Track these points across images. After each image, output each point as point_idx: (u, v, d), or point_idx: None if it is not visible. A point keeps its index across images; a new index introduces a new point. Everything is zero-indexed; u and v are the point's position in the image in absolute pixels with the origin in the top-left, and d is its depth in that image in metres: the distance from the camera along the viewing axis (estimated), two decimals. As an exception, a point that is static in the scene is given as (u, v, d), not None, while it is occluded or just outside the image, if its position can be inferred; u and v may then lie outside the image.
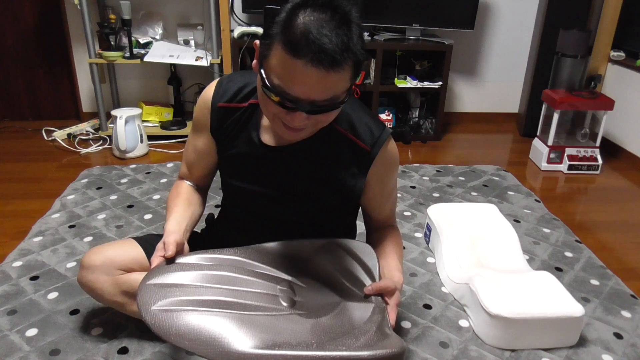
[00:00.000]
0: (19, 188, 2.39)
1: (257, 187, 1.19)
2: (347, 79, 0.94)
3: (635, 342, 1.52)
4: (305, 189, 1.17)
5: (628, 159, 2.94)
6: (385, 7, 3.01)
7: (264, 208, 1.22)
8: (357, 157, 1.15)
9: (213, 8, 2.78)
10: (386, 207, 1.30)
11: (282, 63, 0.90)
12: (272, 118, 1.00)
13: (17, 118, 3.26)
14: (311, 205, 1.20)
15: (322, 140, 1.13)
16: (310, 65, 0.87)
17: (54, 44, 3.13)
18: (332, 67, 0.88)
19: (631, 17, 3.01)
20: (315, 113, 0.95)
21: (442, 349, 1.46)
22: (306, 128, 1.00)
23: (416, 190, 2.46)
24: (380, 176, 1.20)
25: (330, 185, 1.17)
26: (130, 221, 2.08)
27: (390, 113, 3.19)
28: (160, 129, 3.00)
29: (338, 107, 0.97)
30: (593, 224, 2.25)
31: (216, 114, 1.19)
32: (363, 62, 0.97)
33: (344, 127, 1.14)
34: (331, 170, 1.15)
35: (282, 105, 0.94)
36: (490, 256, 1.77)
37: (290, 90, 0.91)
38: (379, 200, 1.26)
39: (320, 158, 1.14)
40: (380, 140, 1.15)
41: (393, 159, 1.20)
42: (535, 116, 3.17)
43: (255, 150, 1.16)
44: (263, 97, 0.98)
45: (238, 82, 1.18)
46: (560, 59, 2.89)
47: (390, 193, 1.29)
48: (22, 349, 1.39)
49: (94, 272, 1.29)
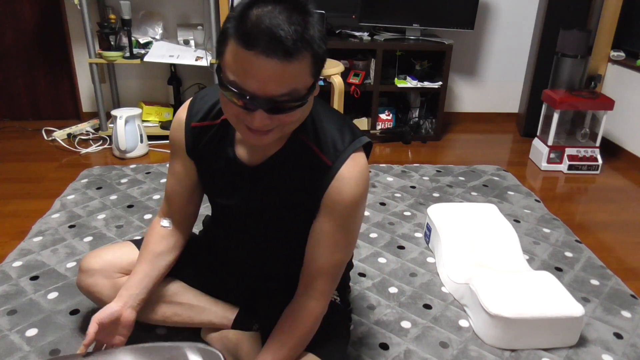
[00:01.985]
0: (19, 188, 2.39)
1: (237, 202, 1.17)
2: (306, 73, 0.88)
3: (635, 342, 1.52)
4: (276, 203, 1.13)
5: (628, 159, 2.94)
6: (385, 7, 3.01)
7: (245, 221, 1.20)
8: (319, 173, 1.05)
9: (213, 8, 2.78)
10: (326, 245, 1.09)
11: (235, 57, 0.86)
12: (235, 122, 0.95)
13: (17, 118, 3.26)
14: (284, 219, 1.16)
15: (289, 154, 1.07)
16: (263, 56, 0.83)
17: (54, 44, 3.13)
18: (286, 56, 0.83)
19: (631, 17, 3.00)
20: (276, 112, 0.89)
21: (442, 349, 1.46)
22: (272, 131, 0.94)
23: (416, 190, 2.46)
24: (334, 200, 1.05)
25: (296, 200, 1.10)
26: (130, 221, 2.08)
27: (390, 113, 3.19)
28: (160, 129, 3.00)
29: (299, 105, 0.91)
30: (593, 224, 2.25)
31: (190, 134, 1.15)
32: (323, 56, 0.91)
33: (310, 139, 1.06)
34: (296, 185, 1.09)
35: (241, 105, 0.89)
36: (490, 256, 1.77)
37: (246, 86, 0.86)
38: (321, 231, 1.08)
39: (286, 172, 1.08)
40: (344, 154, 1.03)
41: (353, 182, 1.03)
42: (535, 116, 3.17)
43: (230, 167, 1.13)
44: (223, 99, 0.94)
45: (210, 99, 1.14)
46: (560, 59, 2.89)
47: (340, 232, 1.08)
48: (22, 349, 1.39)
49: (92, 276, 1.29)
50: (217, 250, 1.34)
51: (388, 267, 1.84)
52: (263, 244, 1.23)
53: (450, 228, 1.86)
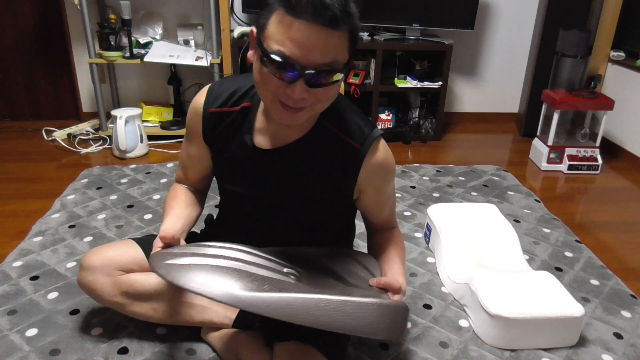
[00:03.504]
0: (19, 188, 2.39)
1: (251, 190, 1.19)
2: (345, 47, 0.94)
3: (635, 342, 1.52)
4: (298, 190, 1.16)
5: (628, 159, 2.94)
6: (385, 7, 3.01)
7: (259, 211, 1.21)
8: (347, 156, 1.12)
9: (213, 8, 2.78)
10: (384, 211, 1.27)
11: (281, 26, 0.90)
12: (270, 100, 0.98)
13: (17, 118, 3.26)
14: (305, 207, 1.19)
15: (313, 140, 1.12)
16: (311, 22, 0.87)
17: (54, 44, 3.13)
18: (332, 24, 0.88)
19: (631, 17, 3.00)
20: (315, 85, 0.93)
21: (442, 349, 1.46)
22: (304, 109, 0.98)
23: (416, 190, 2.46)
24: (373, 179, 1.16)
25: (322, 186, 1.15)
26: (130, 221, 2.08)
27: (390, 113, 3.19)
28: (160, 129, 3.00)
29: (337, 77, 0.95)
30: (593, 224, 2.25)
31: (208, 120, 1.17)
32: (359, 34, 0.97)
33: (334, 124, 1.12)
34: (322, 171, 1.14)
35: (282, 74, 0.92)
36: (490, 256, 1.77)
37: (291, 53, 0.90)
38: (375, 205, 1.24)
39: (311, 159, 1.13)
40: (371, 137, 1.12)
41: (386, 160, 1.16)
42: (535, 116, 3.17)
43: (248, 154, 1.15)
44: (262, 77, 0.96)
45: (229, 87, 1.17)
46: (560, 59, 2.89)
47: (388, 199, 1.25)
48: (22, 349, 1.39)
49: (93, 273, 1.29)
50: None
51: (388, 267, 1.84)
52: (276, 235, 1.23)
53: (450, 228, 1.86)
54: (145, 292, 1.31)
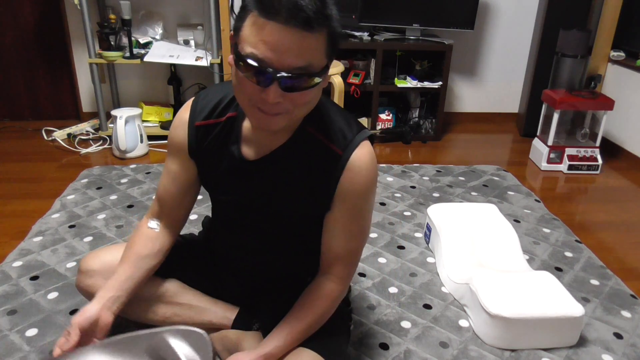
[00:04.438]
0: (19, 188, 2.39)
1: (240, 200, 1.17)
2: (322, 50, 0.90)
3: (635, 342, 1.52)
4: (283, 197, 1.13)
5: (628, 159, 2.94)
6: (385, 7, 3.01)
7: (247, 217, 1.20)
8: (329, 162, 1.07)
9: (213, 8, 2.78)
10: (342, 233, 1.13)
11: (254, 28, 0.87)
12: (247, 105, 0.95)
13: (17, 118, 3.26)
14: (291, 213, 1.16)
15: (296, 146, 1.08)
16: (283, 25, 0.85)
17: (54, 44, 3.13)
18: (306, 27, 0.85)
19: (631, 17, 3.00)
20: (290, 89, 0.90)
21: (442, 349, 1.46)
22: (281, 114, 0.94)
23: (416, 190, 2.46)
24: (348, 189, 1.08)
25: (306, 193, 1.11)
26: (130, 221, 2.08)
27: (390, 113, 3.19)
28: (160, 129, 3.00)
29: (314, 82, 0.92)
30: (593, 224, 2.25)
31: (194, 134, 1.14)
32: (338, 37, 0.93)
33: (316, 129, 1.07)
34: (306, 177, 1.09)
35: (256, 78, 0.89)
36: (490, 256, 1.77)
37: (264, 56, 0.87)
38: (335, 220, 1.12)
39: (295, 165, 1.09)
40: (353, 143, 1.06)
41: (366, 169, 1.07)
42: (535, 116, 3.17)
43: (235, 165, 1.12)
44: (238, 81, 0.94)
45: (213, 97, 1.14)
46: (560, 59, 2.89)
47: (354, 219, 1.12)
48: (22, 349, 1.39)
49: (92, 277, 1.28)
50: (218, 251, 1.34)
51: (388, 267, 1.84)
52: (268, 241, 1.22)
53: (450, 228, 1.86)
54: (144, 296, 1.30)
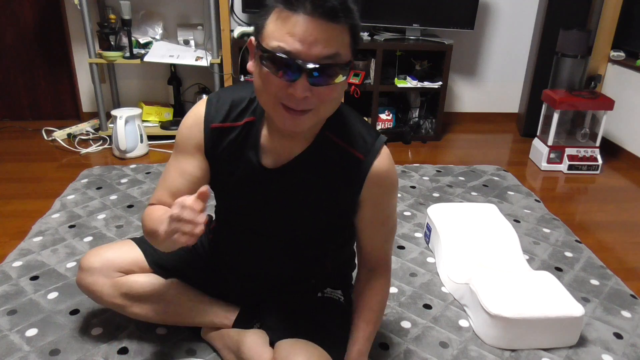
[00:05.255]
0: (19, 188, 2.39)
1: (255, 208, 1.15)
2: (347, 44, 0.91)
3: (635, 342, 1.52)
4: (304, 205, 1.12)
5: (628, 159, 2.94)
6: (385, 7, 3.01)
7: (263, 226, 1.18)
8: (352, 167, 1.08)
9: (213, 8, 2.78)
10: (379, 234, 1.19)
11: (280, 21, 0.87)
12: (272, 104, 0.94)
13: (17, 118, 3.26)
14: (310, 221, 1.15)
15: (317, 153, 1.08)
16: (310, 15, 0.85)
17: (54, 44, 3.13)
18: (332, 16, 0.86)
19: (631, 17, 3.00)
20: (318, 82, 0.89)
21: (442, 349, 1.46)
22: (308, 112, 0.93)
23: (416, 190, 2.46)
24: (375, 190, 1.10)
25: (327, 199, 1.11)
26: (130, 221, 2.08)
27: (390, 113, 3.19)
28: (160, 129, 3.00)
29: (340, 76, 0.92)
30: (593, 224, 2.25)
31: (210, 135, 1.11)
32: (360, 34, 0.95)
33: (336, 134, 1.08)
34: (327, 184, 1.09)
35: (283, 72, 0.88)
36: (490, 256, 1.77)
37: (291, 48, 0.87)
38: (371, 223, 1.16)
39: (316, 172, 1.09)
40: (375, 148, 1.08)
41: (389, 171, 1.10)
42: (535, 116, 3.17)
43: (254, 173, 1.10)
44: (262, 80, 0.92)
45: (228, 99, 1.11)
46: (560, 59, 2.89)
47: (386, 219, 1.17)
48: (22, 349, 1.39)
49: (92, 274, 1.28)
50: (223, 254, 1.33)
51: (388, 267, 1.84)
52: (279, 247, 1.21)
53: (450, 228, 1.86)
54: (145, 294, 1.31)
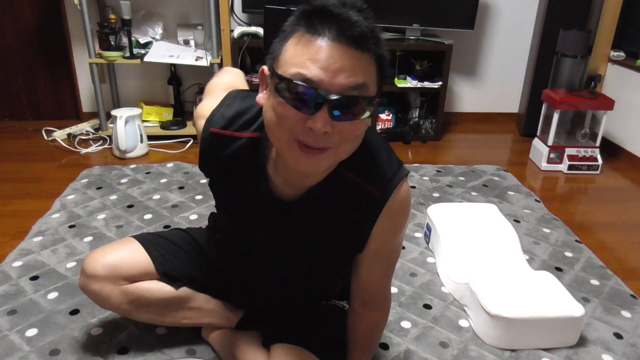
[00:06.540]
0: (19, 188, 2.39)
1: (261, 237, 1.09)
2: (373, 75, 0.81)
3: (635, 342, 1.52)
4: (314, 241, 1.06)
5: (628, 159, 2.94)
6: (385, 7, 3.01)
7: (266, 254, 1.14)
8: (366, 204, 0.98)
9: (213, 8, 2.78)
10: (380, 267, 1.08)
11: (300, 46, 0.78)
12: (287, 141, 0.82)
13: (17, 118, 3.26)
14: (320, 257, 1.11)
15: (329, 187, 0.97)
16: (335, 42, 0.76)
17: (54, 44, 3.13)
18: (360, 43, 0.76)
19: (631, 17, 3.00)
20: (341, 116, 0.79)
21: (442, 349, 1.46)
22: (327, 151, 0.83)
23: (416, 190, 2.46)
24: (386, 226, 1.01)
25: (337, 236, 1.04)
26: (130, 221, 2.08)
27: (390, 113, 3.19)
28: (160, 129, 3.00)
29: (365, 111, 0.81)
30: (593, 224, 2.25)
31: (206, 140, 1.00)
32: (387, 68, 0.85)
33: (352, 170, 0.97)
34: (338, 220, 1.02)
35: (302, 102, 0.77)
36: (490, 256, 1.77)
37: (313, 75, 0.76)
38: (374, 255, 1.06)
39: (327, 208, 1.00)
40: (392, 183, 0.97)
41: (404, 208, 1.01)
42: (535, 116, 3.17)
43: (263, 203, 1.01)
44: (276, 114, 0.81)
45: (236, 106, 0.99)
46: (560, 59, 2.89)
47: (392, 251, 1.08)
48: (22, 349, 1.39)
49: (99, 282, 1.22)
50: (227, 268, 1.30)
51: (388, 267, 1.84)
52: (286, 274, 1.18)
53: (450, 228, 1.86)
54: (155, 301, 1.27)
